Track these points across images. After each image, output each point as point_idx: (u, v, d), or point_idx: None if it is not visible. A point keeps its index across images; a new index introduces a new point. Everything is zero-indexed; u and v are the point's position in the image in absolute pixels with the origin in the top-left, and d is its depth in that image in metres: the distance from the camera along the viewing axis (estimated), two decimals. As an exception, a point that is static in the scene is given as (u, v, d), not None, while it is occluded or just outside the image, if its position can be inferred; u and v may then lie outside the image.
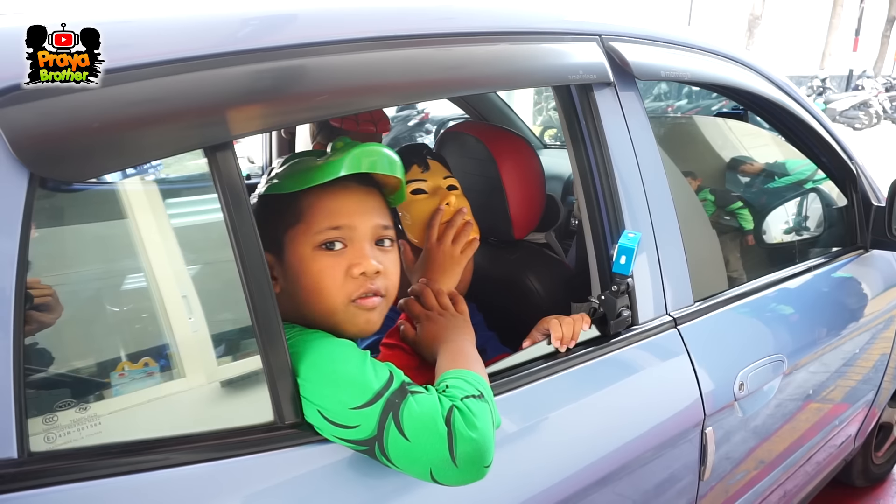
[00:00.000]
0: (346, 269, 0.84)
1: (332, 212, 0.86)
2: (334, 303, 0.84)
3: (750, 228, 1.87)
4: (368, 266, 0.84)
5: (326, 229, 0.85)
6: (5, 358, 0.59)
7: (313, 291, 0.84)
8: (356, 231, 0.86)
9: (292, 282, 0.86)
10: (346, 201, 0.87)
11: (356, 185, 0.89)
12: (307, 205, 0.86)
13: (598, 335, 1.09)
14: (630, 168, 1.13)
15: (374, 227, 0.88)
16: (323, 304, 0.85)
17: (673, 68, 1.25)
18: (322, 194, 0.86)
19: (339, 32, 0.82)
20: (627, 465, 1.05)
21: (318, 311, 0.85)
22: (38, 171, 0.61)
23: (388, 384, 0.74)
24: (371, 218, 0.88)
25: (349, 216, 0.86)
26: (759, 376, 1.29)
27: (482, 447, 0.73)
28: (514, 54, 0.99)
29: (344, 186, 0.87)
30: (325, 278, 0.84)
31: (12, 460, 0.60)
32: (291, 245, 0.86)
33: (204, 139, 0.70)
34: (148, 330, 0.81)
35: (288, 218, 0.87)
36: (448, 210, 1.14)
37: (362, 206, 0.88)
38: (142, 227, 0.82)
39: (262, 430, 0.74)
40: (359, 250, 0.86)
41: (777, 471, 1.48)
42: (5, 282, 0.59)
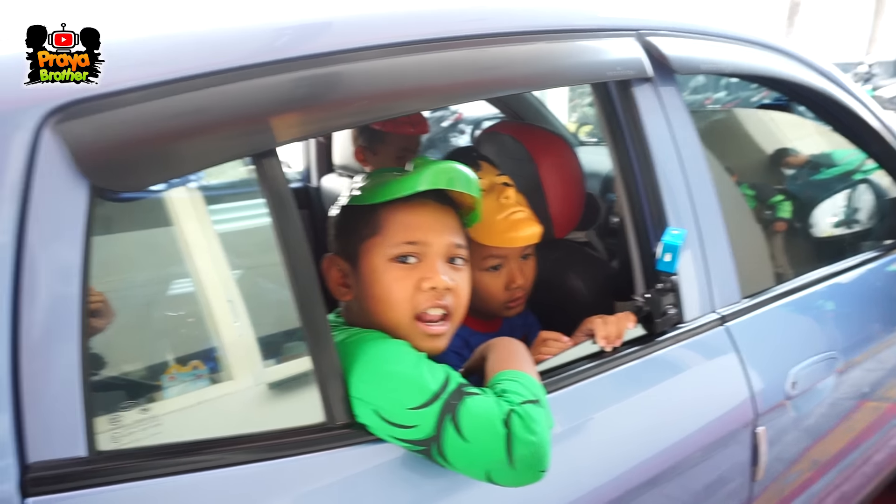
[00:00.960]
0: (417, 283, 0.86)
1: (409, 226, 0.88)
2: (402, 316, 0.86)
3: (792, 220, 1.82)
4: (439, 281, 0.86)
5: (402, 243, 0.87)
6: (73, 361, 0.62)
7: (383, 302, 0.86)
8: (430, 247, 0.88)
9: (363, 291, 0.88)
10: (423, 217, 0.89)
11: (434, 202, 0.90)
12: (385, 218, 0.88)
13: (643, 334, 1.08)
14: (672, 164, 1.11)
15: (448, 244, 0.89)
16: (389, 315, 0.86)
17: (713, 61, 1.23)
18: (400, 208, 0.88)
19: (375, 38, 0.83)
20: (677, 466, 1.03)
21: (384, 323, 0.87)
22: (98, 182, 0.63)
23: (444, 385, 0.75)
24: (446, 235, 0.89)
25: (425, 232, 0.88)
26: (812, 374, 1.25)
27: (540, 451, 0.74)
28: (551, 53, 0.99)
29: (422, 203, 0.89)
30: (396, 290, 0.86)
31: (81, 459, 0.62)
32: (367, 255, 0.88)
33: (251, 147, 0.72)
34: (197, 334, 0.84)
35: (366, 229, 0.89)
36: (508, 203, 1.12)
37: (438, 223, 0.90)
38: (188, 234, 0.85)
39: (314, 430, 0.75)
40: (431, 265, 0.87)
41: (833, 472, 1.43)
42: (72, 289, 0.61)
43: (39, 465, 0.61)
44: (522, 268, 1.17)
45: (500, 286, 1.15)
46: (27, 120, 0.61)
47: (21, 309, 0.60)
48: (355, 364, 0.77)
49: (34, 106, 0.62)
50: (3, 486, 0.59)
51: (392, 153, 1.80)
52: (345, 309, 0.96)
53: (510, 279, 1.15)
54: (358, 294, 0.90)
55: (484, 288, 1.14)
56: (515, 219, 1.12)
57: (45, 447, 0.61)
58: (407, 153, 1.81)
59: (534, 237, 1.14)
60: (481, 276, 1.14)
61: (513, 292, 1.16)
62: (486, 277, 1.15)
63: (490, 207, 1.10)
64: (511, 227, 1.12)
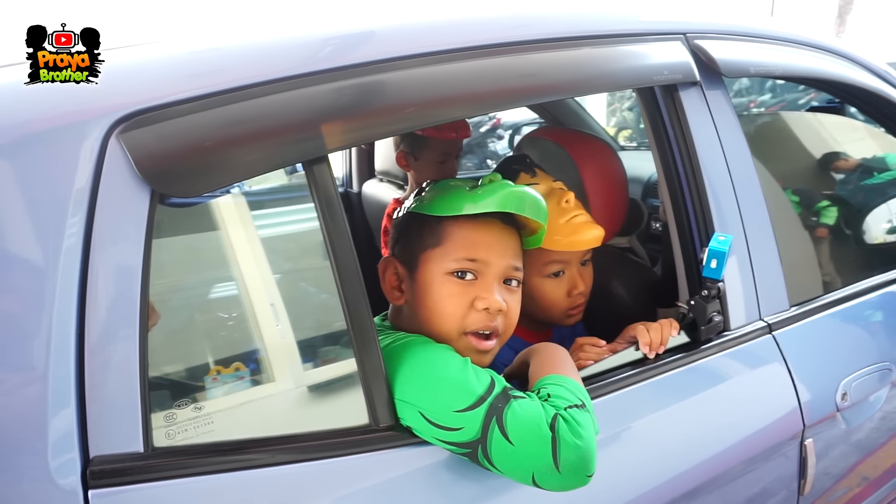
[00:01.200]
0: (472, 301, 0.87)
1: (472, 244, 0.88)
2: (451, 329, 0.87)
3: (838, 227, 1.76)
4: (493, 302, 0.86)
5: (462, 259, 0.88)
6: (133, 360, 0.64)
7: (434, 313, 0.87)
8: (490, 267, 0.88)
9: (417, 299, 0.89)
10: (488, 236, 0.89)
11: (499, 222, 0.91)
12: (449, 232, 0.89)
13: (687, 342, 1.06)
14: (719, 169, 1.09)
15: (507, 266, 0.90)
16: (440, 328, 0.87)
17: (762, 63, 1.20)
18: (466, 224, 0.89)
19: (418, 46, 0.84)
20: (720, 477, 1.01)
21: (432, 333, 0.87)
22: (159, 188, 0.66)
23: (490, 389, 0.76)
24: (507, 257, 0.90)
25: (487, 251, 0.88)
26: (864, 386, 1.21)
27: (586, 456, 0.74)
28: (595, 58, 0.99)
29: (488, 222, 0.90)
30: (449, 304, 0.87)
31: (139, 454, 0.65)
32: (426, 265, 0.89)
33: (302, 154, 0.74)
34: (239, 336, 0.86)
35: (429, 239, 0.90)
36: (569, 208, 1.10)
37: (501, 245, 0.90)
38: (235, 239, 0.87)
39: (359, 432, 0.76)
40: (488, 285, 0.88)
41: (885, 489, 1.38)
42: (134, 291, 0.64)
43: (101, 458, 0.64)
44: (583, 274, 1.15)
45: (563, 293, 1.13)
46: (95, 129, 0.64)
47: (87, 308, 0.63)
48: (401, 367, 0.78)
49: (101, 117, 0.65)
50: (68, 479, 0.62)
51: (434, 158, 1.81)
52: (392, 313, 0.97)
53: (572, 285, 1.13)
54: (411, 300, 0.91)
55: (545, 295, 1.12)
56: (578, 222, 1.10)
57: (105, 442, 0.64)
58: (449, 158, 1.82)
59: (598, 240, 1.11)
60: (542, 284, 1.12)
61: (574, 299, 1.13)
62: (548, 284, 1.12)
63: (551, 212, 1.07)
64: (574, 230, 1.09)
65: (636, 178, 2.24)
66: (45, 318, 0.62)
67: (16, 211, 0.62)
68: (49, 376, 0.62)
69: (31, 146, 0.62)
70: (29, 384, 0.62)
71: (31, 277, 0.62)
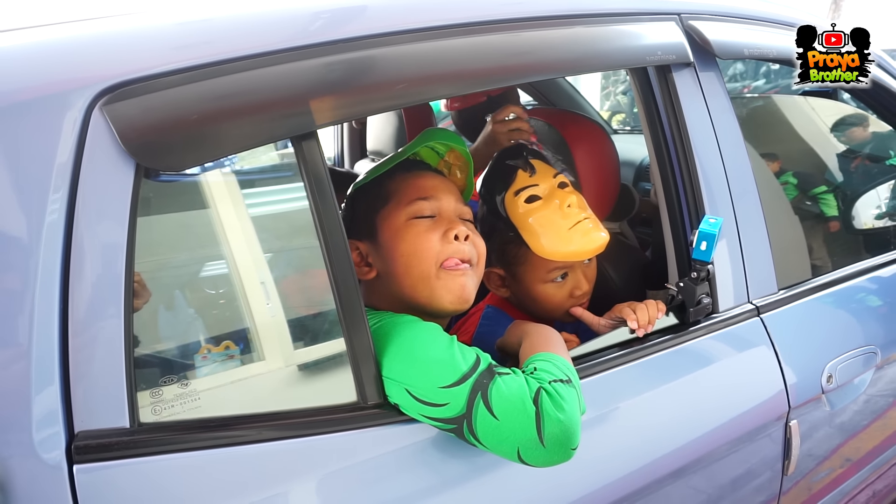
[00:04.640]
0: (442, 234, 0.91)
1: (419, 186, 0.94)
2: (429, 267, 0.89)
3: (833, 215, 1.77)
4: (461, 230, 0.91)
5: (416, 199, 0.93)
6: (119, 336, 0.64)
7: (410, 256, 0.90)
8: (442, 203, 0.94)
9: (388, 256, 0.91)
10: (430, 180, 0.96)
11: (433, 172, 0.98)
12: (394, 186, 0.95)
13: (676, 323, 1.07)
14: (711, 151, 1.09)
15: (457, 208, 0.96)
16: (418, 268, 0.89)
17: (757, 45, 1.19)
18: (406, 175, 0.96)
19: (410, 22, 0.83)
20: (705, 457, 1.02)
21: (414, 280, 0.90)
22: (144, 161, 0.65)
23: (475, 365, 0.76)
24: (453, 198, 0.96)
25: (433, 190, 0.94)
26: (850, 369, 1.23)
27: (569, 429, 0.74)
28: (589, 37, 0.98)
29: (422, 171, 0.98)
30: (421, 241, 0.90)
31: (125, 429, 0.65)
32: (385, 222, 0.93)
33: (291, 129, 0.73)
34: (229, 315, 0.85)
35: (377, 202, 0.94)
36: (571, 213, 1.04)
37: (444, 185, 0.97)
38: (223, 216, 0.86)
39: (347, 409, 0.77)
40: (450, 219, 0.93)
41: (865, 470, 1.40)
42: (118, 268, 0.63)
43: (86, 433, 0.63)
44: (586, 272, 1.13)
45: (565, 295, 1.11)
46: (78, 100, 0.63)
47: (70, 286, 0.62)
48: (388, 346, 0.78)
49: (84, 87, 0.63)
50: (53, 453, 0.62)
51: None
52: (366, 292, 0.96)
53: (576, 286, 1.11)
54: (382, 266, 0.93)
55: (549, 299, 1.11)
56: (584, 228, 1.05)
57: (91, 417, 0.64)
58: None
59: (603, 246, 1.06)
60: (545, 288, 1.10)
61: (577, 299, 1.11)
62: (551, 288, 1.10)
63: (554, 218, 1.04)
64: (580, 238, 1.04)
65: (629, 162, 2.24)
66: (28, 294, 0.61)
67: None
68: (32, 353, 0.61)
69: (10, 117, 0.61)
70: (13, 361, 0.61)
71: (13, 254, 0.61)
